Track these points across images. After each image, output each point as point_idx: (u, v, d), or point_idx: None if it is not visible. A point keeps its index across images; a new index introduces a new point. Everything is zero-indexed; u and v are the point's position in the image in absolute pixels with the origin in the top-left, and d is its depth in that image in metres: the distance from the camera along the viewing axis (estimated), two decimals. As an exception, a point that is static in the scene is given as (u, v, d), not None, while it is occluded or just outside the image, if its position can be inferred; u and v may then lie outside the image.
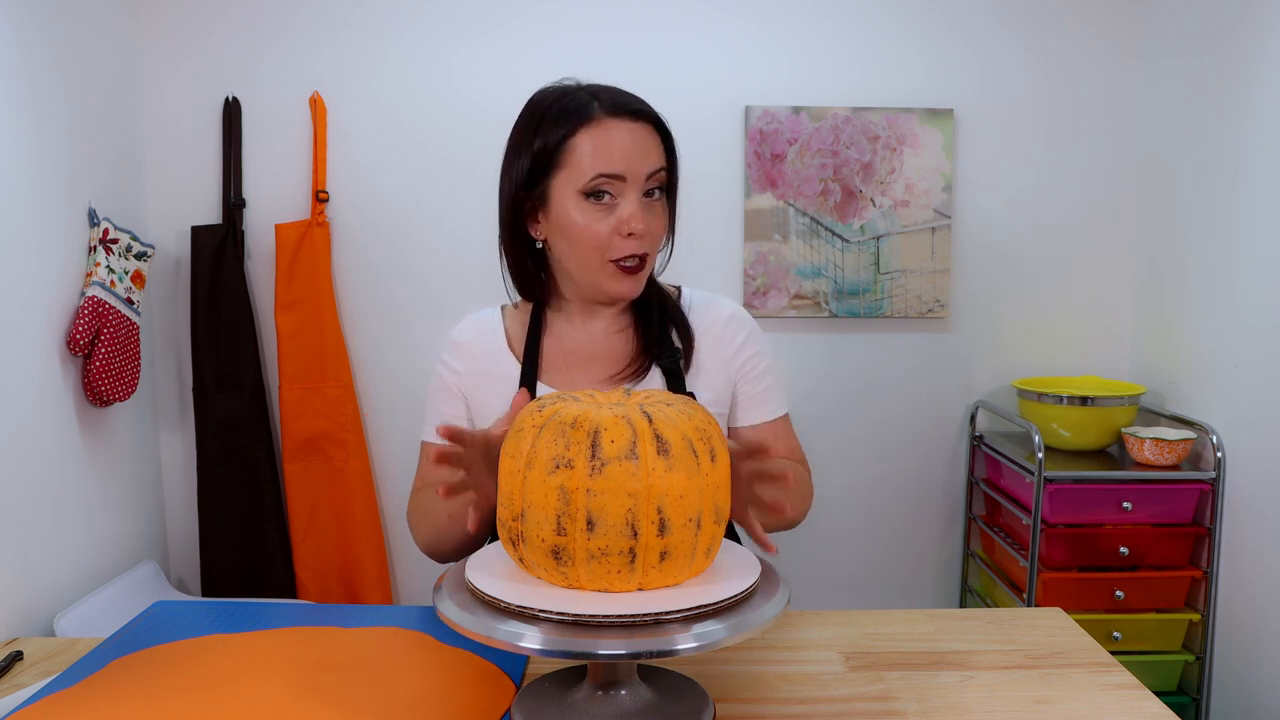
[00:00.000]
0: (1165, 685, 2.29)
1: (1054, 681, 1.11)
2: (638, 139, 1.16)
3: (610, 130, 1.15)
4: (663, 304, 1.29)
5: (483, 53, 2.43)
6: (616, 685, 0.94)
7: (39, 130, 1.93)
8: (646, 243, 1.18)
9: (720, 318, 1.30)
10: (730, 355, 1.30)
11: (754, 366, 1.31)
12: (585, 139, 1.15)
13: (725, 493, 0.91)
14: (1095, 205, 2.58)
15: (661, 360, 1.25)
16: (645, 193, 1.17)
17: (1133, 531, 2.22)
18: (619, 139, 1.15)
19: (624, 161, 1.15)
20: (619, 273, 1.18)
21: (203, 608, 1.30)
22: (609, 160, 1.14)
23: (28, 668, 1.20)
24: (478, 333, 1.31)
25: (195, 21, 2.40)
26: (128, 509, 2.28)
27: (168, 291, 2.46)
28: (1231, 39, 2.18)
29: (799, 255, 2.51)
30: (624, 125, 1.16)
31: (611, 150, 1.15)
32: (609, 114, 1.16)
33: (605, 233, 1.16)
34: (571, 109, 1.17)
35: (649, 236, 1.18)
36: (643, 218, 1.16)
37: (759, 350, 1.32)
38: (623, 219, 1.15)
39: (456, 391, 1.30)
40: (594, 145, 1.15)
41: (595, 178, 1.14)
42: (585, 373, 1.27)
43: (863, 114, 2.47)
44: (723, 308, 1.32)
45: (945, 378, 2.61)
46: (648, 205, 1.18)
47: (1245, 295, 2.13)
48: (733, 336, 1.30)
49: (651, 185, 1.18)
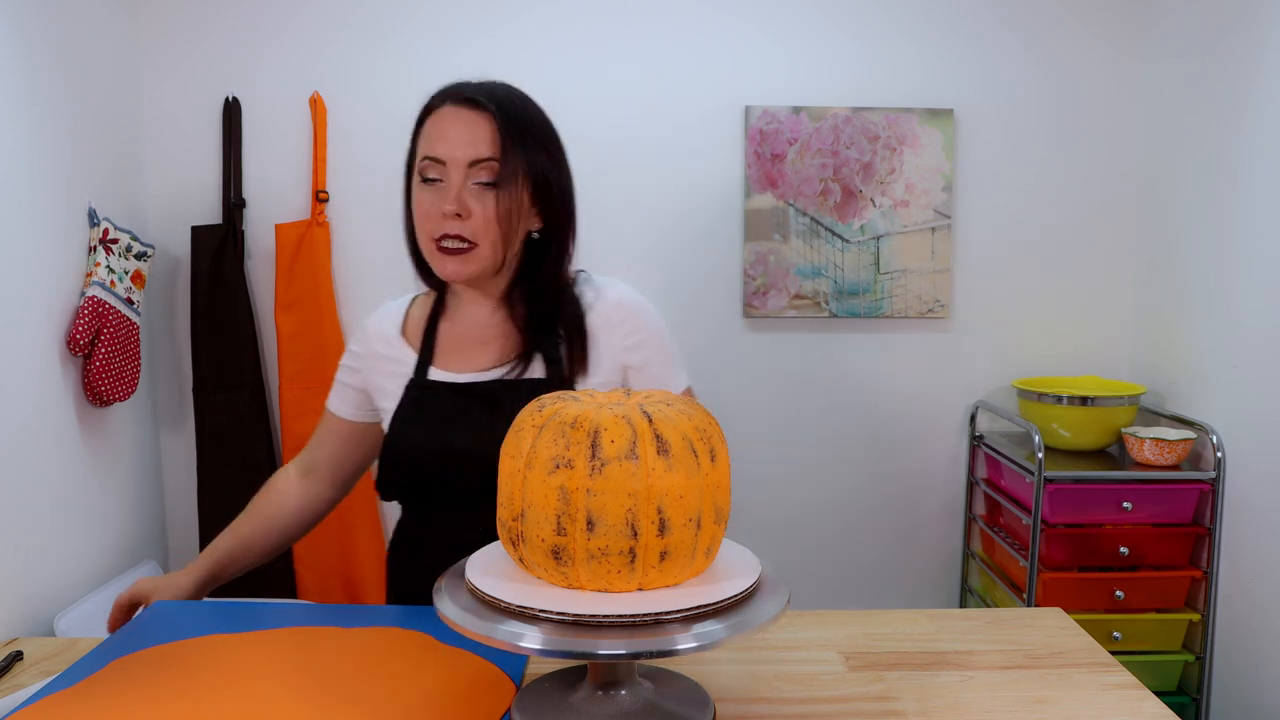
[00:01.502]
0: (1165, 685, 2.29)
1: (1054, 681, 1.11)
2: (466, 126, 1.20)
3: (443, 117, 1.22)
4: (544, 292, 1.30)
5: (483, 53, 2.43)
6: (616, 685, 0.94)
7: (39, 130, 1.93)
8: (469, 227, 1.20)
9: (608, 304, 1.31)
10: (618, 342, 1.30)
11: (643, 351, 1.32)
12: (427, 125, 1.24)
13: (725, 493, 0.91)
14: (1095, 205, 2.58)
15: (545, 349, 1.27)
16: (482, 181, 1.20)
17: (1133, 531, 2.22)
18: (447, 125, 1.21)
19: (445, 146, 1.20)
20: (441, 254, 1.23)
21: (203, 608, 1.30)
22: (433, 144, 1.21)
23: (28, 668, 1.20)
24: (380, 320, 1.39)
25: (195, 21, 2.40)
26: (128, 509, 2.28)
27: (168, 291, 2.46)
28: (1231, 39, 2.18)
29: (799, 255, 2.51)
30: (457, 113, 1.21)
31: (438, 135, 1.21)
32: (450, 102, 1.22)
33: (429, 212, 1.21)
34: (435, 96, 1.25)
35: (472, 222, 1.20)
36: (458, 201, 1.19)
37: (647, 335, 1.32)
38: (441, 200, 1.20)
39: (354, 370, 1.39)
40: (430, 130, 1.23)
41: (422, 160, 1.22)
42: (474, 357, 1.30)
43: (863, 114, 2.47)
44: (611, 294, 1.32)
45: (945, 378, 2.61)
46: (476, 192, 1.21)
47: (1245, 295, 2.13)
48: (619, 324, 1.31)
49: (480, 173, 1.20)
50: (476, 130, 1.20)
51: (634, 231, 2.51)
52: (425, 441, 1.25)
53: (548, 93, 2.45)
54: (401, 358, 1.33)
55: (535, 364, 1.27)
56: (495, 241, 1.23)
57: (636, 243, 2.51)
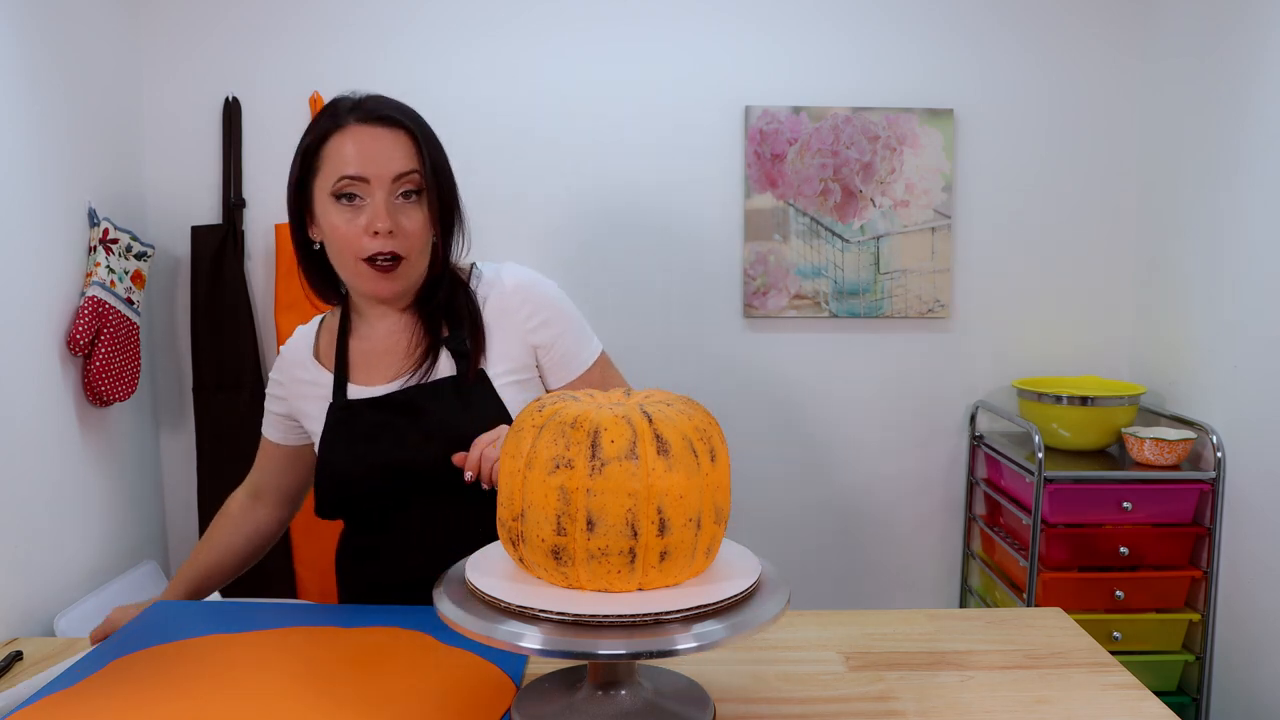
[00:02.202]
0: (1165, 685, 2.29)
1: (1054, 681, 1.11)
2: (382, 143, 1.21)
3: (355, 135, 1.21)
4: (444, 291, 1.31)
5: (483, 53, 2.43)
6: (616, 685, 0.94)
7: (39, 130, 1.93)
8: (399, 242, 1.22)
9: (505, 290, 1.32)
10: (520, 324, 1.31)
11: (548, 329, 1.32)
12: (334, 144, 1.22)
13: (725, 493, 0.91)
14: (1095, 205, 2.58)
15: (449, 343, 1.28)
16: (402, 194, 1.22)
17: (1133, 531, 2.22)
18: (362, 143, 1.21)
19: (367, 164, 1.20)
20: (373, 272, 1.23)
21: (203, 608, 1.30)
22: (350, 163, 1.20)
23: (28, 668, 1.20)
24: (292, 347, 1.40)
25: (195, 21, 2.40)
26: (128, 509, 2.28)
27: (168, 291, 2.46)
28: (1231, 39, 2.18)
29: (799, 255, 2.51)
30: (369, 130, 1.21)
31: (354, 154, 1.20)
32: (358, 120, 1.22)
33: (355, 233, 1.21)
34: (327, 115, 1.24)
35: (402, 236, 1.22)
36: (388, 217, 1.20)
37: (550, 313, 1.33)
38: (369, 219, 1.20)
39: (279, 399, 1.41)
40: (339, 149, 1.21)
41: (339, 180, 1.21)
42: (384, 369, 1.31)
43: (863, 114, 2.47)
44: (507, 279, 1.33)
45: (945, 378, 2.61)
46: (400, 207, 1.22)
47: (1245, 295, 2.13)
48: (519, 307, 1.31)
49: (403, 187, 1.22)
50: (395, 145, 1.22)
51: (634, 232, 2.51)
52: (353, 461, 1.27)
53: (548, 93, 2.48)
54: (318, 380, 1.34)
55: (444, 361, 1.29)
56: (420, 251, 1.26)
57: (637, 243, 2.51)
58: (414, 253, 1.24)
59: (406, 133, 1.23)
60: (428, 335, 1.29)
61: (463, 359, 1.28)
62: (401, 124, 1.23)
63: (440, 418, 1.25)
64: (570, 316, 1.35)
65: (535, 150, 2.48)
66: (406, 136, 1.23)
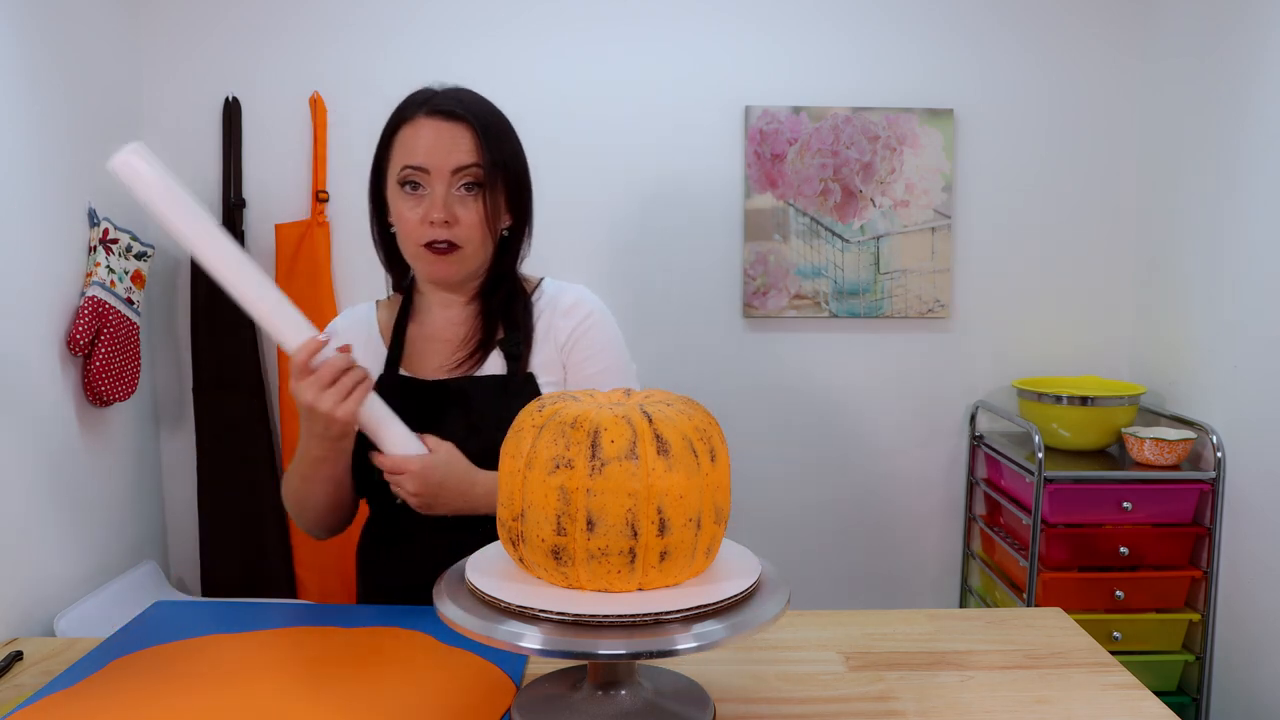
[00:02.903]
0: (1165, 685, 2.29)
1: (1054, 681, 1.11)
2: (445, 135, 1.25)
3: (421, 127, 1.26)
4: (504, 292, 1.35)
5: (483, 53, 2.43)
6: (616, 685, 0.94)
7: (39, 130, 1.93)
8: (455, 232, 1.26)
9: (559, 307, 1.36)
10: (560, 342, 1.34)
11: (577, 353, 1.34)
12: (403, 134, 1.28)
13: (725, 493, 0.91)
14: (1095, 205, 2.58)
15: (504, 345, 1.32)
16: (463, 186, 1.26)
17: (1133, 531, 2.22)
18: (427, 135, 1.26)
19: (428, 155, 1.25)
20: (430, 255, 1.27)
21: (203, 608, 1.30)
22: (413, 154, 1.26)
23: (28, 668, 1.20)
24: (351, 321, 1.42)
25: (195, 21, 2.40)
26: (128, 509, 2.28)
27: (168, 291, 2.46)
28: (1231, 39, 2.18)
29: (799, 255, 2.51)
30: (434, 123, 1.26)
31: (418, 145, 1.26)
32: (426, 113, 1.27)
33: (415, 220, 1.26)
34: (403, 106, 1.30)
35: (459, 227, 1.26)
36: (445, 208, 1.24)
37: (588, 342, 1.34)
38: (427, 208, 1.25)
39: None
40: (406, 140, 1.27)
41: (404, 169, 1.26)
42: (436, 355, 1.35)
43: (863, 114, 2.47)
44: (564, 300, 1.37)
45: (945, 378, 2.61)
46: (459, 198, 1.26)
47: (1245, 295, 2.13)
48: (564, 325, 1.34)
49: (464, 179, 1.26)
50: (457, 139, 1.25)
51: (634, 231, 2.51)
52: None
53: (548, 93, 2.48)
54: (375, 356, 1.36)
55: (494, 360, 1.32)
56: (479, 244, 1.29)
57: (636, 243, 2.51)
58: (471, 244, 1.27)
59: (470, 127, 1.26)
60: (482, 331, 1.33)
61: (513, 361, 1.31)
62: (465, 118, 1.26)
63: (487, 411, 1.27)
64: (609, 352, 1.35)
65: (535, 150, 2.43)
66: (469, 131, 1.26)
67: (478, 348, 1.32)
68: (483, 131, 1.27)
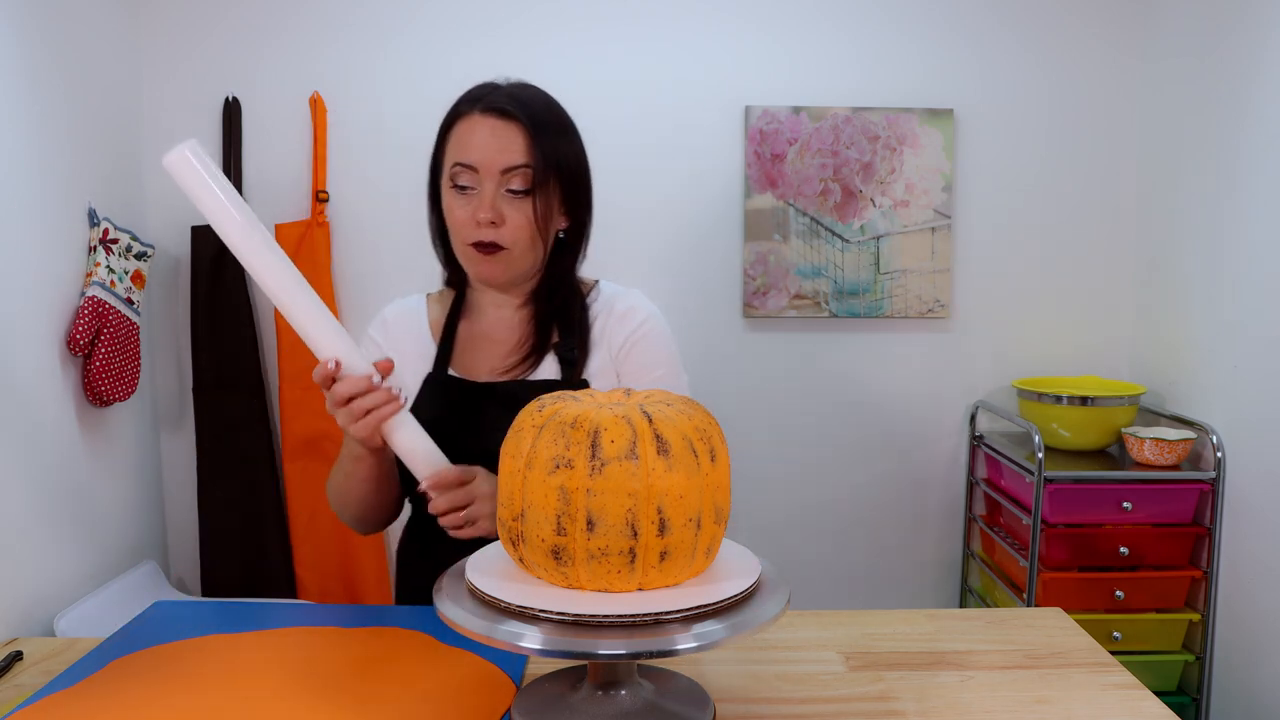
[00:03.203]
0: (1165, 685, 2.29)
1: (1054, 681, 1.11)
2: (496, 134, 1.22)
3: (473, 124, 1.24)
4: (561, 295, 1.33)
5: (483, 53, 2.43)
6: (616, 685, 0.94)
7: (39, 130, 1.93)
8: (502, 233, 1.23)
9: (615, 312, 1.33)
10: (614, 349, 1.32)
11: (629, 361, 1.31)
12: (456, 130, 1.26)
13: (725, 493, 0.91)
14: (1095, 205, 2.58)
15: (559, 349, 1.30)
16: (511, 189, 1.23)
17: (1133, 531, 2.22)
18: (477, 133, 1.23)
19: (477, 154, 1.22)
20: (477, 255, 1.25)
21: (203, 608, 1.30)
22: (464, 151, 1.23)
23: (28, 668, 1.20)
24: (403, 313, 1.40)
25: (195, 21, 2.40)
26: (128, 509, 2.28)
27: (168, 291, 2.46)
28: (1231, 39, 2.18)
29: (799, 255, 2.51)
30: (486, 121, 1.23)
31: (468, 143, 1.23)
32: (480, 110, 1.24)
33: (464, 218, 1.24)
34: (459, 101, 1.28)
35: (506, 227, 1.23)
36: (492, 207, 1.22)
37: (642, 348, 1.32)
38: (474, 207, 1.23)
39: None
40: (458, 136, 1.25)
41: (453, 166, 1.24)
42: (487, 356, 1.33)
43: (863, 114, 2.47)
44: (619, 304, 1.34)
45: (945, 378, 2.61)
46: (508, 199, 1.23)
47: (1245, 295, 2.13)
48: (619, 330, 1.32)
49: (512, 180, 1.23)
50: (508, 138, 1.22)
51: (634, 231, 2.51)
52: (444, 439, 1.25)
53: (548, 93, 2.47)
54: (424, 352, 1.34)
55: (548, 363, 1.29)
56: (528, 245, 1.26)
57: (636, 242, 2.51)
58: (518, 245, 1.25)
59: (522, 127, 1.23)
60: (536, 334, 1.31)
61: (568, 366, 1.29)
62: (518, 117, 1.23)
63: None
64: (663, 362, 1.33)
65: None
66: (522, 130, 1.23)
67: (531, 351, 1.30)
68: (535, 131, 1.23)
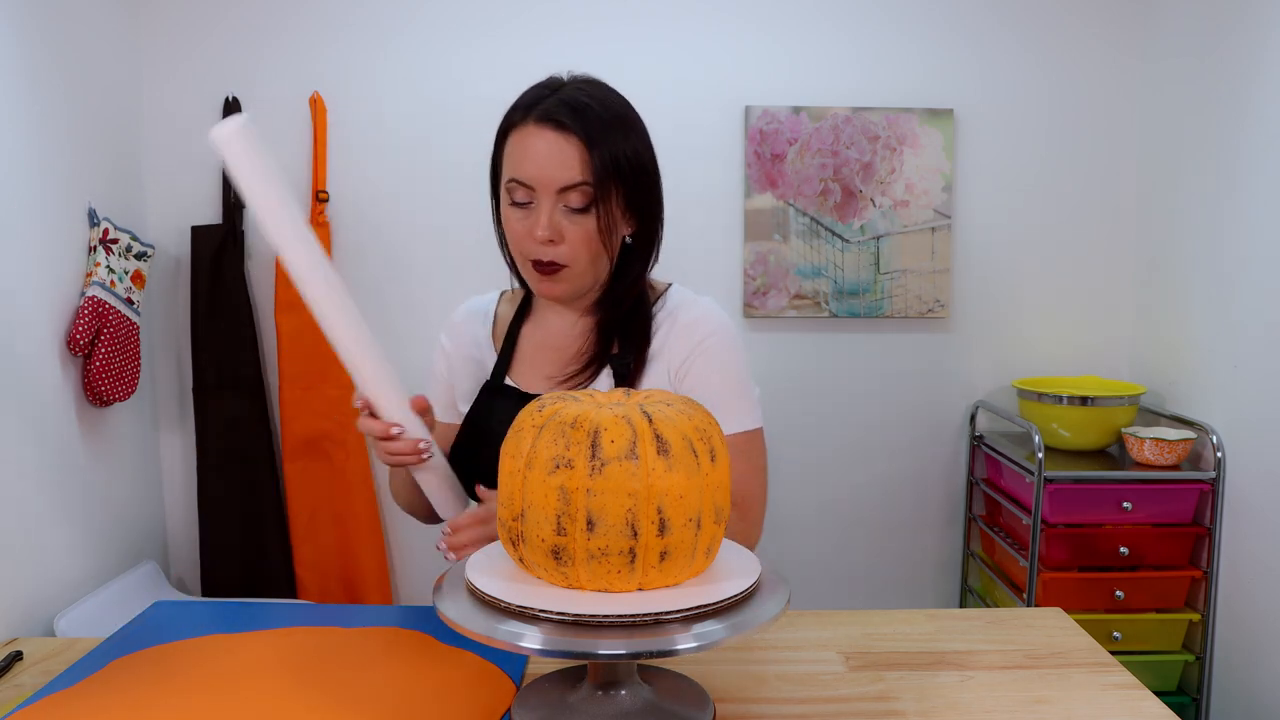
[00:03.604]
0: (1165, 685, 2.29)
1: (1054, 681, 1.11)
2: (553, 149, 1.15)
3: (529, 136, 1.16)
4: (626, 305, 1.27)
5: (483, 53, 2.43)
6: (616, 685, 0.94)
7: (39, 130, 1.93)
8: (562, 251, 1.18)
9: (678, 323, 1.27)
10: (673, 365, 1.26)
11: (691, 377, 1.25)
12: (513, 140, 1.19)
13: (725, 493, 0.91)
14: (1095, 205, 2.58)
15: (614, 362, 1.25)
16: (570, 206, 1.16)
17: (1133, 531, 2.22)
18: (535, 147, 1.15)
19: (535, 170, 1.15)
20: (536, 274, 1.21)
21: (203, 608, 1.30)
22: (519, 166, 1.17)
23: (28, 668, 1.20)
24: (471, 317, 1.38)
25: (195, 21, 2.40)
26: (128, 509, 2.28)
27: (168, 291, 2.46)
28: (1231, 39, 2.18)
29: (799, 255, 2.51)
30: (542, 134, 1.15)
31: (524, 157, 1.16)
32: (536, 119, 1.16)
33: (523, 234, 1.19)
34: (519, 104, 1.20)
35: (567, 247, 1.17)
36: (550, 226, 1.16)
37: (705, 361, 1.26)
38: (532, 224, 1.17)
39: (443, 375, 1.37)
40: (515, 148, 1.18)
41: (509, 182, 1.18)
42: (547, 364, 1.29)
43: (863, 114, 2.47)
44: (684, 314, 1.27)
45: (945, 378, 2.61)
46: (567, 215, 1.17)
47: (1245, 295, 2.13)
48: (679, 346, 1.26)
49: (571, 198, 1.16)
50: (564, 154, 1.14)
51: (634, 231, 2.51)
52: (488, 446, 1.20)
53: (548, 93, 2.47)
54: (485, 360, 1.33)
55: (604, 377, 1.25)
56: (589, 260, 1.20)
57: (636, 243, 2.51)
58: (579, 262, 1.19)
59: (577, 140, 1.15)
60: (597, 345, 1.26)
61: (620, 380, 1.24)
62: (573, 130, 1.14)
63: None
64: (728, 374, 1.26)
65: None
66: (578, 144, 1.15)
67: (589, 362, 1.25)
68: (592, 143, 1.15)
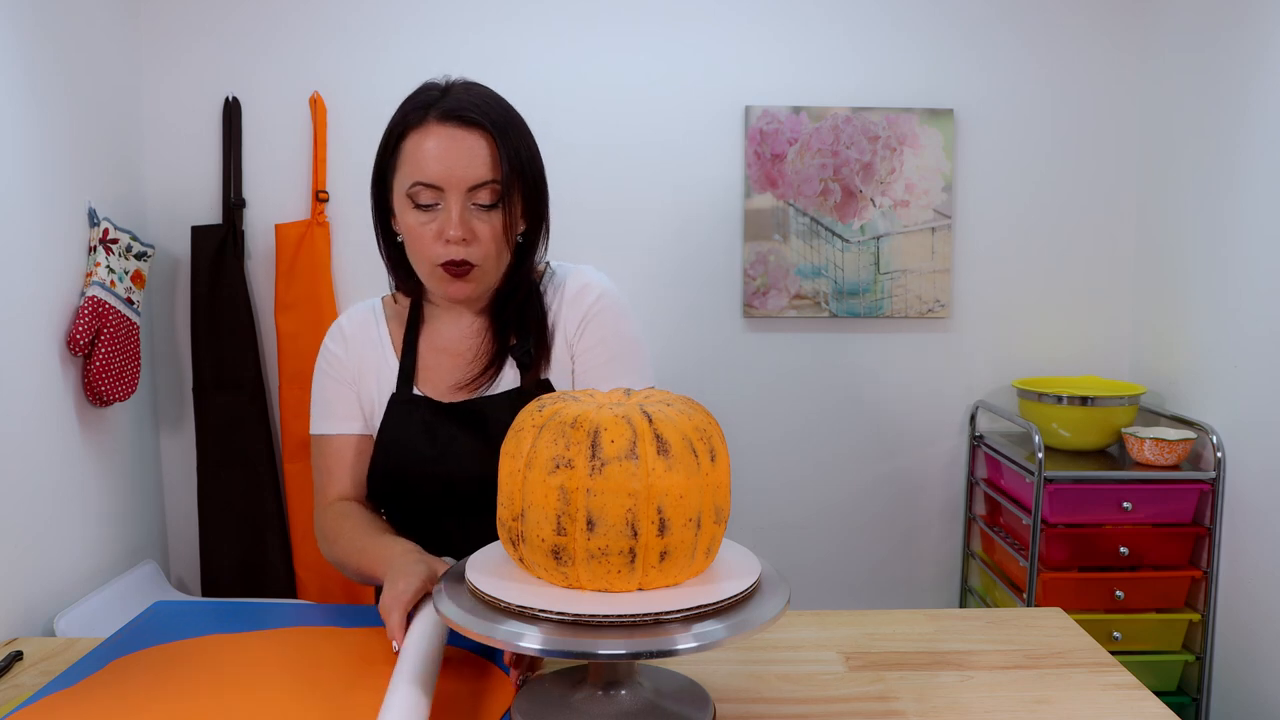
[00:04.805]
0: (1165, 685, 2.29)
1: (1054, 681, 1.11)
2: (460, 147, 1.13)
3: (434, 136, 1.13)
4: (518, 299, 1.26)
5: (482, 52, 2.43)
6: (616, 685, 0.94)
7: (39, 130, 1.93)
8: (473, 250, 1.16)
9: (566, 294, 1.26)
10: (569, 335, 1.25)
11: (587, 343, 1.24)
12: (412, 141, 1.15)
13: (725, 493, 0.91)
14: (1095, 205, 2.58)
15: (515, 354, 1.24)
16: (479, 204, 1.15)
17: (1133, 531, 2.22)
18: (440, 146, 1.13)
19: (442, 169, 1.13)
20: (446, 275, 1.18)
21: (203, 608, 1.30)
22: (424, 168, 1.13)
23: (28, 668, 1.20)
24: (361, 322, 1.32)
25: (195, 21, 2.40)
26: (128, 509, 2.28)
27: (168, 291, 2.46)
28: (1231, 38, 2.18)
29: (799, 255, 2.51)
30: (448, 132, 1.13)
31: (430, 158, 1.13)
32: (438, 118, 1.14)
33: (429, 237, 1.15)
34: (412, 105, 1.17)
35: (476, 244, 1.16)
36: (461, 225, 1.14)
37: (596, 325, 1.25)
38: (441, 225, 1.14)
39: (344, 378, 1.29)
40: (416, 149, 1.14)
41: (413, 185, 1.15)
42: (449, 371, 1.26)
43: (863, 114, 2.47)
44: (571, 284, 1.27)
45: (945, 378, 2.61)
46: (476, 213, 1.15)
47: (1245, 295, 2.13)
48: (570, 315, 1.25)
49: (480, 195, 1.15)
50: (473, 151, 1.13)
51: (634, 231, 2.51)
52: (415, 461, 1.22)
53: (547, 93, 2.48)
54: (385, 362, 1.28)
55: (508, 371, 1.25)
56: (496, 258, 1.19)
57: (637, 242, 2.51)
58: (489, 259, 1.18)
59: (486, 135, 1.14)
60: (494, 343, 1.24)
61: (524, 370, 1.23)
62: (481, 125, 1.14)
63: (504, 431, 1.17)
64: (618, 339, 1.25)
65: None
66: (486, 139, 1.14)
67: (490, 363, 1.24)
68: (500, 138, 1.14)
